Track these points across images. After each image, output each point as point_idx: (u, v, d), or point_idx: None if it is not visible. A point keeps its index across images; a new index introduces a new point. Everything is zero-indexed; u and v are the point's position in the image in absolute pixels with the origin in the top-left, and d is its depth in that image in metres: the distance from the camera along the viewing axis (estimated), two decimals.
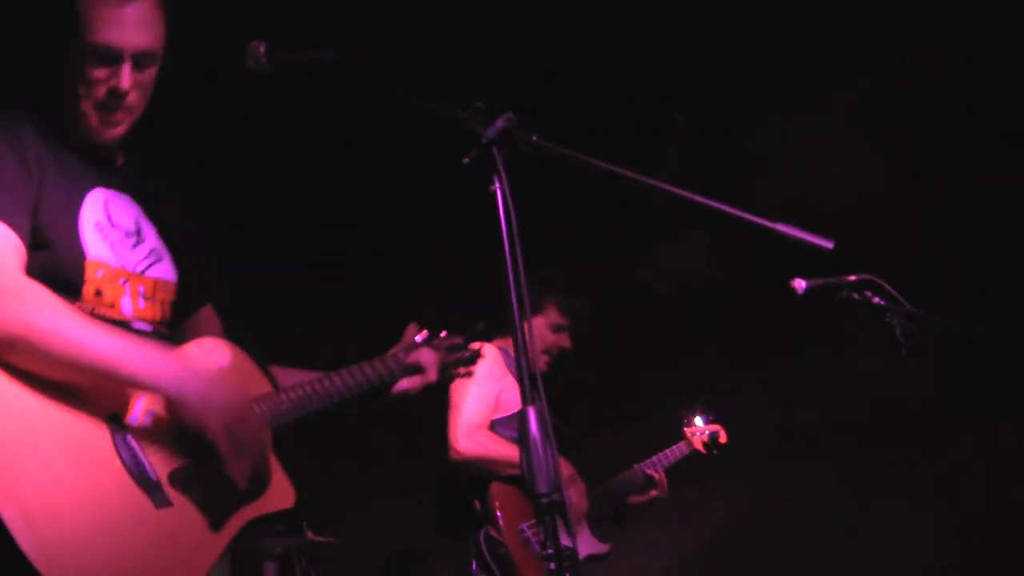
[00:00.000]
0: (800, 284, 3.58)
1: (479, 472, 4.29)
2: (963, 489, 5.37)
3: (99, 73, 2.46)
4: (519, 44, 4.90)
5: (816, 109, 5.47)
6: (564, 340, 4.80)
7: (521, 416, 1.91)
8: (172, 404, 2.32)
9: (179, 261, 2.67)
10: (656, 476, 4.90)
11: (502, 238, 2.02)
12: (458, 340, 3.24)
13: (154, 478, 2.27)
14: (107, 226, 2.49)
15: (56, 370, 2.20)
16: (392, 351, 3.11)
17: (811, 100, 5.46)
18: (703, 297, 6.02)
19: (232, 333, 2.78)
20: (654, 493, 4.89)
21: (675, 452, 5.14)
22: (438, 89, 2.27)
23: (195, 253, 2.76)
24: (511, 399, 4.62)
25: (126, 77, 2.48)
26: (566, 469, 4.37)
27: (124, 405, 2.32)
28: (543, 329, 4.75)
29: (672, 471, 5.04)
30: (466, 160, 2.08)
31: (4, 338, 2.14)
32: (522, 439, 1.91)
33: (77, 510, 2.10)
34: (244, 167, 5.55)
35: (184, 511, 2.31)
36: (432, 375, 3.10)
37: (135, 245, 2.54)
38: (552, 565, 1.92)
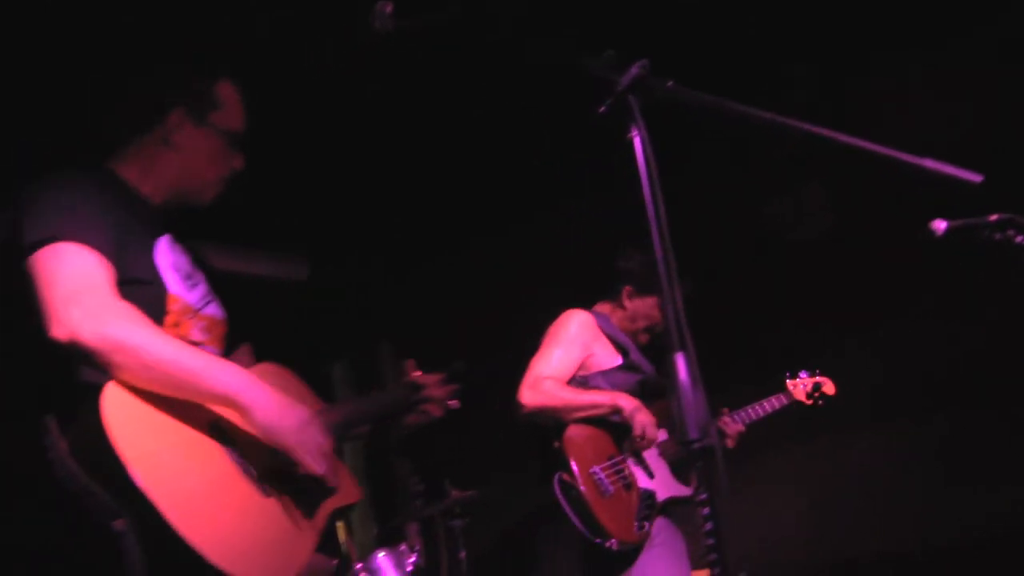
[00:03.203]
0: (940, 225, 3.47)
1: (550, 422, 4.36)
2: None
3: (231, 154, 2.94)
4: None
5: (943, 48, 5.29)
6: None
7: (671, 363, 1.91)
8: (246, 415, 2.55)
9: (223, 303, 2.95)
10: (728, 428, 4.79)
11: (642, 186, 1.99)
12: (441, 376, 3.47)
13: (254, 474, 2.58)
14: (173, 269, 2.76)
15: (149, 382, 2.42)
16: (399, 383, 3.42)
17: (939, 38, 5.29)
18: (818, 248, 5.90)
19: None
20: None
21: (765, 406, 5.03)
22: (566, 40, 2.25)
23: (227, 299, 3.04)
24: (602, 361, 4.65)
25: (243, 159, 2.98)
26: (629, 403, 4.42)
27: (219, 417, 2.57)
28: (657, 310, 4.72)
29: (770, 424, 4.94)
30: (602, 109, 2.07)
31: (104, 349, 2.36)
32: (672, 386, 1.92)
33: (212, 500, 2.39)
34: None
35: (282, 501, 2.61)
36: (437, 408, 3.40)
37: (193, 286, 2.81)
38: (706, 510, 1.93)
